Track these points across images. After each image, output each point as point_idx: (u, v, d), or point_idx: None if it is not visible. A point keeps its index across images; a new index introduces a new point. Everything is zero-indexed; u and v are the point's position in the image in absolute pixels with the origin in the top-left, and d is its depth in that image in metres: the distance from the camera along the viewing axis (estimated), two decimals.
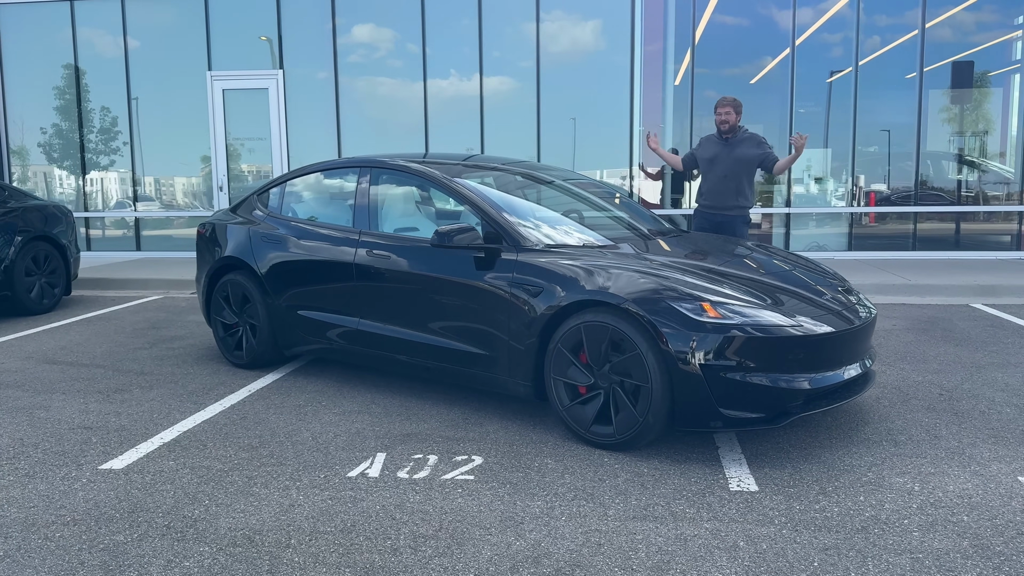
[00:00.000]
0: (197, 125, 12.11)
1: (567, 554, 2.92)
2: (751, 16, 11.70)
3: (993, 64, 11.75)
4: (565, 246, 4.49)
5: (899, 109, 11.44)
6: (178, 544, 3.06)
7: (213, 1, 11.79)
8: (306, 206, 5.83)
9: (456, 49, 11.75)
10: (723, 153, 6.56)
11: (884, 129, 11.63)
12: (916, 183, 11.33)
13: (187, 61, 12.03)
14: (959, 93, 11.56)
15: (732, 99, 6.53)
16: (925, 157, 11.46)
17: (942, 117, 11.59)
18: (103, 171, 12.80)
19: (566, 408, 4.08)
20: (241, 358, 5.73)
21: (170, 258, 11.84)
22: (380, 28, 11.95)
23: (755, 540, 3.01)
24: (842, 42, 11.35)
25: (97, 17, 12.22)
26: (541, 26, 11.45)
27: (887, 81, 11.45)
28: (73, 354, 6.31)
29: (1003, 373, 5.34)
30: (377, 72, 12.03)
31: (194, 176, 12.71)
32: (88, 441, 4.26)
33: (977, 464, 3.75)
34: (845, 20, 11.26)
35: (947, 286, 8.41)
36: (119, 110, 12.38)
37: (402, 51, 11.89)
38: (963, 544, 2.96)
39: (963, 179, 11.64)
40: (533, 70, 11.50)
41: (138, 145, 12.36)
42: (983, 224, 11.69)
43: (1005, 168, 11.79)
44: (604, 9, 11.63)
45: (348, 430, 4.37)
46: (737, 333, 3.69)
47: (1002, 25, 11.54)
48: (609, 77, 11.56)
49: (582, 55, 11.76)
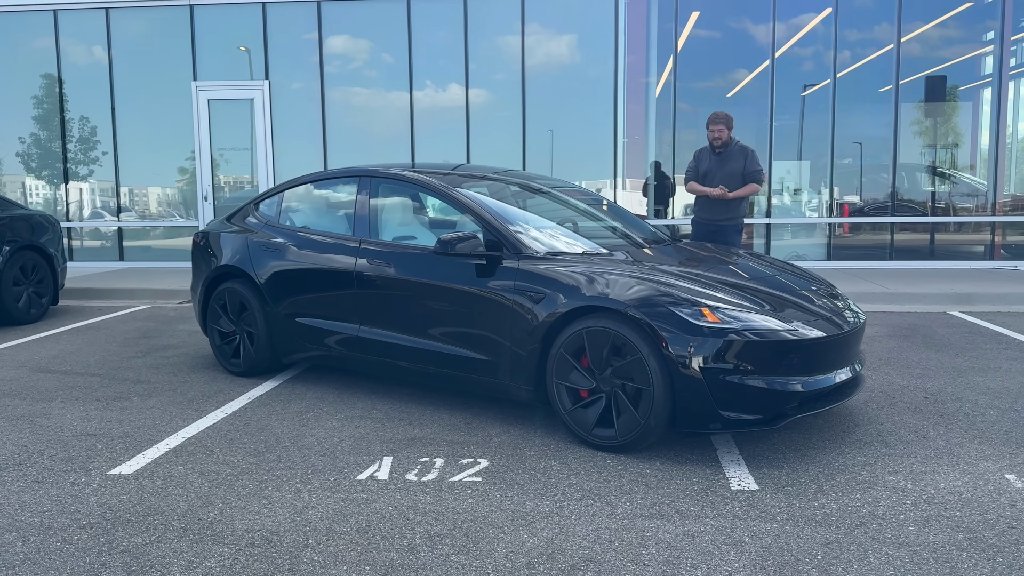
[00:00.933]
0: (181, 136, 12.11)
1: (580, 551, 3.02)
2: (731, 29, 11.94)
3: (964, 79, 12.08)
4: (564, 254, 4.61)
5: (876, 122, 11.71)
6: (197, 545, 3.11)
7: (198, 11, 11.81)
8: (304, 215, 5.89)
9: (440, 61, 11.86)
10: (715, 167, 6.97)
11: (860, 142, 11.90)
12: (893, 194, 11.59)
13: (171, 72, 12.03)
14: (932, 107, 11.86)
15: (724, 115, 6.86)
16: (901, 169, 11.73)
17: (914, 130, 11.87)
18: (84, 181, 12.75)
19: (568, 412, 4.18)
20: (238, 366, 5.78)
21: (155, 268, 11.81)
22: (365, 40, 12.04)
23: (759, 536, 3.13)
24: (820, 55, 11.60)
25: (80, 27, 12.20)
26: (526, 39, 11.60)
27: (864, 94, 11.72)
28: (67, 363, 6.32)
29: (984, 377, 5.52)
30: (362, 83, 12.12)
31: (177, 186, 12.69)
32: (93, 447, 4.30)
33: (965, 463, 3.90)
34: (823, 34, 11.50)
35: (925, 294, 8.63)
36: (101, 120, 12.35)
37: (387, 63, 11.99)
38: (957, 537, 3.10)
39: (937, 191, 11.93)
40: (518, 81, 11.64)
41: (121, 155, 12.32)
42: (957, 235, 11.97)
43: (977, 180, 12.10)
44: (588, 21, 11.82)
45: (352, 435, 4.44)
46: (735, 337, 3.81)
47: (972, 40, 11.87)
48: (593, 88, 11.73)
49: (566, 67, 11.93)
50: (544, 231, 4.91)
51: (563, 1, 11.77)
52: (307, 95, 11.96)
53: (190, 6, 11.76)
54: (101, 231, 12.73)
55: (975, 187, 12.01)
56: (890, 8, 11.32)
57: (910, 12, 11.34)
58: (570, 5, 11.84)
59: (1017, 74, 12.42)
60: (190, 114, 11.92)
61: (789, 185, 12.02)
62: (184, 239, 12.52)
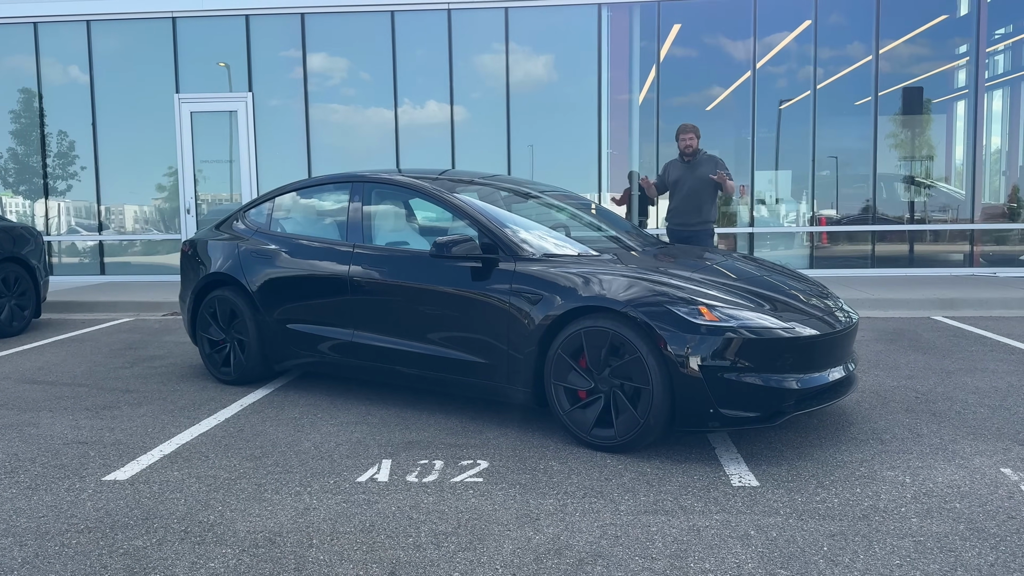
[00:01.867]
0: (163, 149, 12.03)
1: (587, 546, 3.01)
2: (712, 42, 12.07)
3: (939, 91, 12.29)
4: (559, 256, 4.62)
5: (855, 133, 11.86)
6: (199, 547, 3.07)
7: (181, 23, 11.78)
8: (296, 221, 5.87)
9: (425, 76, 11.88)
10: (686, 175, 7.23)
11: (840, 153, 12.06)
12: (873, 204, 11.71)
13: (152, 84, 11.97)
14: (909, 119, 12.03)
15: (692, 126, 7.22)
16: (880, 179, 11.88)
17: (891, 142, 12.03)
18: (63, 197, 12.61)
19: (567, 413, 4.18)
20: (229, 374, 5.73)
21: (137, 282, 11.70)
22: (349, 53, 12.04)
23: (764, 529, 3.14)
24: (799, 68, 11.75)
25: (61, 40, 12.11)
26: (510, 56, 11.65)
27: (844, 105, 11.89)
28: (52, 374, 6.23)
29: (972, 378, 5.58)
30: (346, 96, 12.12)
31: (156, 202, 12.59)
32: (86, 455, 4.24)
33: (961, 458, 3.94)
34: (802, 47, 11.65)
35: (908, 300, 8.73)
36: (82, 134, 12.24)
37: (371, 78, 12.00)
38: (959, 528, 3.13)
39: (916, 200, 12.09)
40: (503, 97, 11.68)
41: (102, 169, 12.21)
42: (936, 246, 12.10)
43: (955, 190, 12.28)
44: (570, 37, 11.91)
45: (349, 439, 4.41)
46: (733, 335, 3.84)
47: (947, 53, 12.10)
48: (577, 103, 11.81)
49: (549, 83, 11.99)
50: (538, 234, 4.93)
51: (546, 18, 11.85)
52: (291, 107, 11.94)
53: (172, 18, 11.72)
54: (81, 246, 12.60)
55: (953, 197, 12.19)
56: (867, 22, 11.49)
57: (887, 26, 11.52)
58: (553, 22, 11.92)
59: (993, 86, 12.67)
60: (172, 127, 11.85)
61: (771, 195, 12.13)
62: (165, 253, 12.44)
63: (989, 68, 12.44)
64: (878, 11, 11.38)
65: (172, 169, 12.14)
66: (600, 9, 11.50)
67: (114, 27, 12.00)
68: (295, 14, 11.65)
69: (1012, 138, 12.74)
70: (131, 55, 12.14)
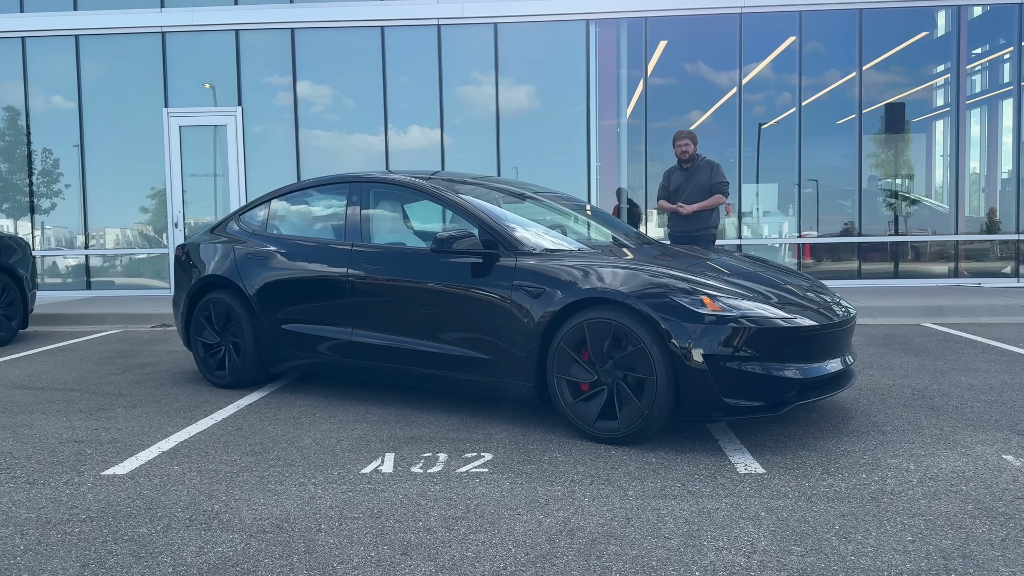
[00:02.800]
0: (151, 164, 11.97)
1: (598, 527, 3.00)
2: (697, 61, 12.22)
3: (922, 108, 12.50)
4: (560, 251, 4.63)
5: (840, 149, 12.01)
6: (205, 533, 3.03)
7: (170, 38, 11.78)
8: (293, 223, 5.86)
9: (415, 96, 11.91)
10: (685, 182, 7.26)
11: (825, 168, 12.20)
12: (859, 216, 11.82)
13: (141, 99, 11.94)
14: (892, 135, 12.18)
15: (689, 132, 7.30)
16: (866, 194, 12.01)
17: (872, 162, 12.16)
18: (48, 214, 12.50)
19: (570, 406, 4.17)
20: (223, 378, 5.67)
21: (125, 296, 11.61)
22: (340, 69, 12.09)
23: (774, 511, 3.14)
24: (784, 85, 11.89)
25: (48, 55, 12.07)
26: (499, 76, 11.73)
27: (829, 122, 12.04)
28: (43, 381, 6.15)
29: (966, 376, 5.63)
30: (335, 113, 12.16)
31: (145, 214, 12.52)
32: (82, 452, 4.18)
33: (962, 447, 3.96)
34: (787, 65, 11.79)
35: (897, 307, 8.81)
36: (69, 150, 12.17)
37: (360, 93, 12.04)
38: (968, 507, 3.14)
39: (902, 214, 12.22)
40: (492, 119, 11.71)
41: (89, 185, 12.13)
42: (920, 263, 12.16)
43: (939, 204, 12.45)
44: (559, 52, 12.01)
45: (350, 435, 4.38)
46: (736, 324, 3.86)
47: (927, 72, 12.34)
48: (566, 124, 11.88)
49: (538, 104, 12.06)
50: (537, 230, 4.94)
51: (535, 34, 11.96)
52: (280, 121, 11.94)
53: (162, 33, 11.73)
54: (67, 263, 12.49)
55: (937, 211, 12.34)
56: (851, 41, 11.66)
57: (870, 45, 11.70)
58: (542, 37, 12.03)
59: (972, 104, 12.90)
60: (160, 142, 11.81)
61: (759, 208, 12.23)
62: (153, 271, 12.37)
63: (968, 87, 12.67)
64: (860, 31, 11.55)
65: (159, 188, 12.06)
66: (588, 24, 11.61)
67: (103, 42, 11.97)
68: (285, 29, 11.69)
69: (991, 156, 12.94)
70: (119, 70, 12.12)
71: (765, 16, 11.61)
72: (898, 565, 2.64)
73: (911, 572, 2.59)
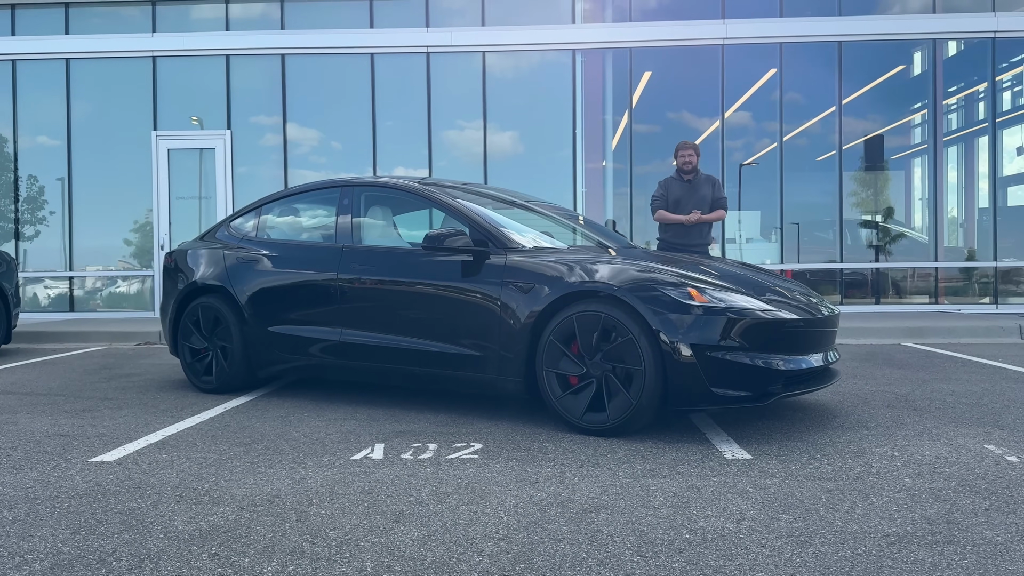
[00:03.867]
0: (139, 187, 11.99)
1: (589, 500, 3.02)
2: (683, 89, 12.47)
3: (904, 143, 12.81)
4: (549, 248, 4.71)
5: (820, 186, 12.25)
6: (196, 506, 3.03)
7: (161, 62, 11.90)
8: (285, 227, 5.90)
9: (403, 125, 12.06)
10: (687, 195, 7.06)
11: (807, 199, 12.42)
12: (840, 245, 11.99)
13: (130, 123, 12.00)
14: (872, 170, 12.41)
15: (692, 143, 7.09)
16: (847, 224, 12.20)
17: (852, 200, 12.38)
18: (33, 240, 12.46)
19: (559, 399, 4.20)
20: (210, 383, 5.66)
21: (108, 317, 11.55)
22: (329, 98, 12.23)
23: (762, 487, 3.18)
24: (766, 118, 12.13)
25: (39, 78, 12.15)
26: (489, 116, 11.92)
27: (809, 158, 12.30)
28: (26, 387, 6.11)
29: (947, 384, 5.71)
30: (318, 165, 12.28)
31: (131, 238, 12.50)
32: (69, 444, 4.16)
33: (945, 439, 4.02)
34: (768, 100, 12.04)
35: (879, 328, 8.92)
36: (57, 172, 12.17)
37: (349, 125, 12.16)
38: (951, 484, 3.19)
39: (883, 244, 12.41)
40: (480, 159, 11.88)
41: (76, 209, 12.13)
42: (901, 296, 12.29)
43: (918, 234, 12.66)
44: (547, 82, 12.22)
45: (339, 430, 4.38)
46: (722, 316, 3.93)
47: (905, 110, 12.67)
48: (555, 149, 12.06)
49: (529, 132, 12.23)
50: (527, 231, 5.02)
51: (522, 63, 12.18)
52: (268, 154, 12.03)
53: (152, 57, 11.85)
54: (51, 286, 12.42)
55: (918, 241, 12.55)
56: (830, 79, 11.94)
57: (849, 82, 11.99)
58: (529, 67, 12.26)
59: (949, 141, 13.22)
60: (148, 166, 11.85)
61: (742, 235, 12.39)
62: (137, 296, 12.32)
63: (945, 124, 13.00)
64: (840, 68, 11.84)
65: (147, 211, 12.08)
66: (575, 54, 11.84)
67: (93, 66, 12.06)
68: (275, 55, 11.84)
69: (968, 191, 13.21)
70: (109, 93, 12.19)
71: (747, 47, 11.87)
72: (884, 529, 2.68)
73: (897, 535, 2.63)
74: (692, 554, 2.49)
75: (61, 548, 2.62)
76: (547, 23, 11.95)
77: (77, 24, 12.01)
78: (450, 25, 11.90)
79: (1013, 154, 12.90)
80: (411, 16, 11.85)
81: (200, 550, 2.58)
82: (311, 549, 2.57)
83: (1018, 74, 12.85)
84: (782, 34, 11.74)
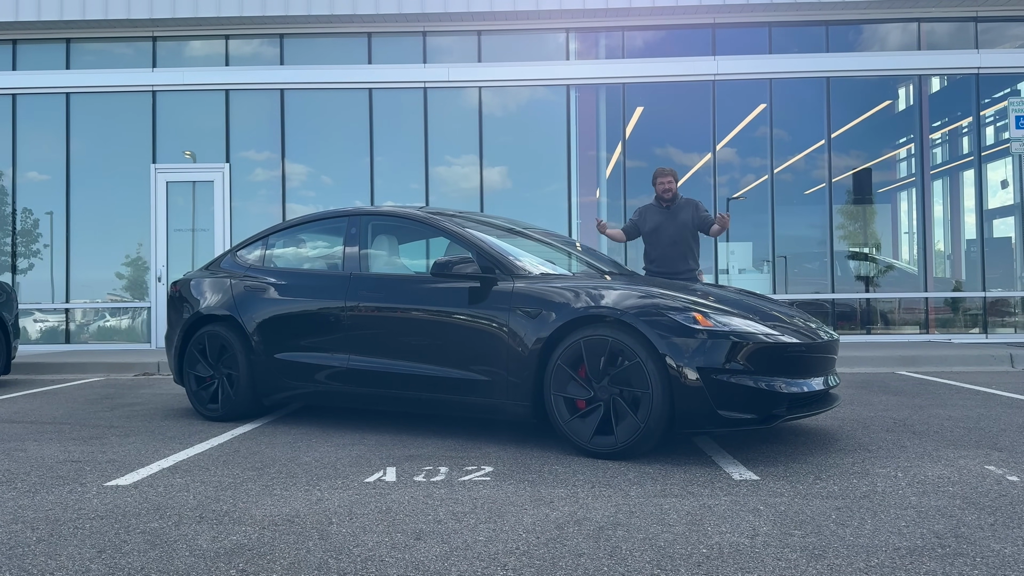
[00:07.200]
0: (136, 220, 12.05)
1: (605, 518, 3.09)
2: (675, 124, 12.70)
3: (892, 176, 13.06)
4: (555, 275, 4.81)
5: (810, 219, 12.45)
6: (218, 527, 3.08)
7: (161, 96, 12.04)
8: (291, 256, 5.99)
9: (398, 159, 12.21)
10: (667, 221, 6.93)
11: (798, 232, 12.60)
12: (832, 276, 12.15)
13: (129, 156, 12.10)
14: (860, 203, 12.63)
15: (670, 169, 6.99)
16: (837, 256, 12.38)
17: (843, 230, 12.57)
18: (27, 273, 12.47)
19: (567, 422, 4.27)
20: (216, 410, 5.69)
21: (106, 349, 11.55)
22: (325, 130, 12.37)
23: (772, 506, 3.25)
24: (757, 152, 12.35)
25: (38, 112, 12.25)
26: (485, 150, 12.10)
27: (797, 191, 12.51)
28: (30, 416, 6.12)
29: (944, 410, 5.81)
30: (309, 197, 12.41)
31: (127, 270, 12.53)
32: (82, 469, 4.19)
33: (946, 460, 4.11)
34: (760, 133, 12.28)
35: (872, 357, 9.04)
36: (54, 206, 12.22)
37: (346, 154, 12.31)
38: (956, 502, 3.27)
39: (872, 275, 12.59)
40: (476, 183, 12.05)
41: (73, 240, 12.17)
42: (892, 326, 12.45)
43: (908, 266, 12.85)
44: (541, 116, 12.42)
45: (349, 455, 4.43)
46: (727, 340, 4.02)
47: (892, 143, 12.93)
48: (549, 182, 12.22)
49: (524, 166, 12.41)
50: (532, 257, 5.12)
51: (518, 99, 12.39)
52: (267, 180, 12.15)
53: (152, 92, 11.98)
54: (47, 319, 12.41)
55: (907, 272, 12.73)
56: (819, 114, 12.21)
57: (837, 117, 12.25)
58: (524, 102, 12.46)
59: (936, 175, 13.47)
60: (145, 199, 11.93)
61: (734, 265, 12.53)
62: (133, 328, 12.33)
63: (930, 158, 13.27)
64: (828, 103, 12.10)
65: (138, 245, 12.14)
66: (568, 90, 12.06)
67: (93, 100, 12.18)
68: (275, 90, 12.00)
69: (954, 223, 13.43)
70: (108, 127, 12.30)
71: (737, 83, 12.12)
72: (895, 543, 2.76)
73: (908, 548, 2.71)
74: (711, 567, 2.55)
75: (89, 566, 2.66)
76: (541, 59, 12.18)
77: (78, 59, 12.15)
78: (447, 61, 12.11)
79: (998, 187, 13.16)
80: (409, 52, 12.06)
81: (228, 566, 2.63)
82: (337, 565, 2.63)
83: (1001, 109, 13.14)
84: (771, 70, 12.00)
